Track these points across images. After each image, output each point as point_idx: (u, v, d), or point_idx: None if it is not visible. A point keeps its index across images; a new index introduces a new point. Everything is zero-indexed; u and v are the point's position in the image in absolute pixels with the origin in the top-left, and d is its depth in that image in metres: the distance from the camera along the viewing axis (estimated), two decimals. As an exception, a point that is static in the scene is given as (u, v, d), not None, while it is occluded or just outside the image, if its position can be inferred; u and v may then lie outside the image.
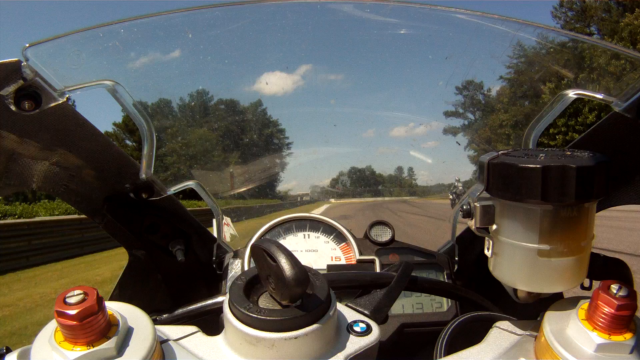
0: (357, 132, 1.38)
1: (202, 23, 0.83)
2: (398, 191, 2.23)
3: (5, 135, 0.67)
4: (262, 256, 0.45)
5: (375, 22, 0.89)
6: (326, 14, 0.90)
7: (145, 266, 1.02)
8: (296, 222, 1.09)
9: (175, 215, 1.01)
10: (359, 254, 1.04)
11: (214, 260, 1.05)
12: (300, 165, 1.50)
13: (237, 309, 0.44)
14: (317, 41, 0.98)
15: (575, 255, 0.47)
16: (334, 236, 1.08)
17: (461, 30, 0.94)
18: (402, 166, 2.01)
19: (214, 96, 1.23)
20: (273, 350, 0.43)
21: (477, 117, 1.34)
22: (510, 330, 0.52)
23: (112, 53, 0.74)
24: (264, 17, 0.88)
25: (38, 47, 0.62)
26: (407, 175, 2.07)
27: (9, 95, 0.61)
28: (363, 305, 0.55)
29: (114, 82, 0.75)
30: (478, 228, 0.51)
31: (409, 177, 2.08)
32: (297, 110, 1.33)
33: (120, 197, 0.91)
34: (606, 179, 0.44)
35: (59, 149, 0.76)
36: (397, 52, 1.07)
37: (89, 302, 0.38)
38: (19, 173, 0.75)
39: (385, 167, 1.90)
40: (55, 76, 0.64)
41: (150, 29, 0.78)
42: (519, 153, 0.49)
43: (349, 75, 1.27)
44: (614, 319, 0.43)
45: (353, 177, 1.79)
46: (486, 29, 0.86)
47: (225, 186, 1.29)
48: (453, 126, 1.27)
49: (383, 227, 1.10)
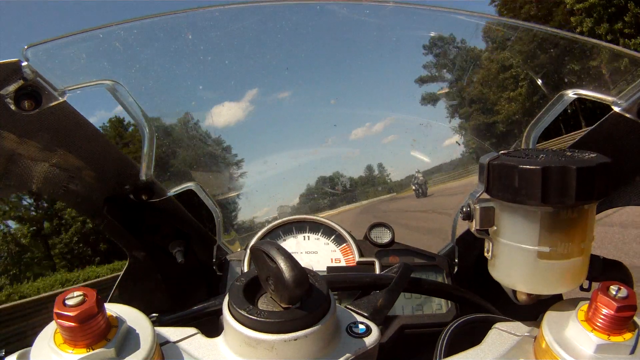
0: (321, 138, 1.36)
1: (202, 24, 0.83)
2: (374, 191, 2.16)
3: (5, 135, 0.67)
4: (261, 258, 0.45)
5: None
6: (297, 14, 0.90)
7: (145, 267, 1.02)
8: (296, 224, 1.09)
9: (175, 216, 1.01)
10: (358, 256, 1.04)
11: (213, 261, 1.05)
12: (260, 184, 1.40)
13: (237, 311, 0.44)
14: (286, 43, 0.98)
15: (575, 257, 0.47)
16: (333, 238, 1.08)
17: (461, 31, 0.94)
18: (371, 164, 1.94)
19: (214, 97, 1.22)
20: (273, 352, 0.43)
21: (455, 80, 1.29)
22: (510, 332, 0.52)
23: (113, 54, 0.74)
24: (263, 17, 0.88)
25: (38, 47, 0.62)
26: (378, 174, 1.99)
27: (9, 94, 0.61)
28: (363, 307, 0.55)
29: (114, 82, 0.75)
30: (478, 230, 0.51)
31: (380, 175, 2.00)
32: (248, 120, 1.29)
33: (120, 198, 0.91)
34: (607, 180, 0.44)
35: (59, 149, 0.76)
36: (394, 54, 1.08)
37: (88, 303, 0.38)
38: (18, 174, 0.75)
39: (352, 170, 1.85)
40: (55, 76, 0.64)
41: (150, 30, 0.78)
42: (519, 153, 0.49)
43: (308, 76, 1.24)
44: (614, 320, 0.43)
45: (322, 189, 1.70)
46: (486, 30, 0.87)
47: (225, 187, 1.29)
48: (431, 92, 1.22)
49: (383, 229, 1.10)
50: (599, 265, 0.65)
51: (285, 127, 1.36)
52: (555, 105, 0.82)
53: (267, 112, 1.31)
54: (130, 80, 0.78)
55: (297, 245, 1.06)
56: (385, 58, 1.10)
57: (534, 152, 0.50)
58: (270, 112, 1.32)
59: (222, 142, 1.28)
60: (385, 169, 1.94)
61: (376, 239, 1.08)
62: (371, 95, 1.30)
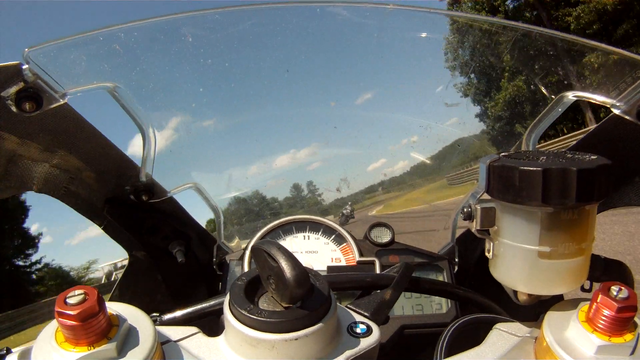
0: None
1: (202, 26, 0.84)
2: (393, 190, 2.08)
3: (6, 136, 0.68)
4: (262, 257, 0.45)
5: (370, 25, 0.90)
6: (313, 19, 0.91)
7: (146, 267, 1.03)
8: (296, 223, 1.09)
9: (176, 216, 1.02)
10: (359, 255, 1.04)
11: (214, 261, 1.05)
12: (260, 184, 1.43)
13: (238, 310, 0.44)
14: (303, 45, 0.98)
15: (576, 257, 0.47)
16: (334, 237, 1.08)
17: (461, 32, 0.94)
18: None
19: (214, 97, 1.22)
20: (273, 352, 0.43)
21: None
22: (511, 332, 0.52)
23: (113, 56, 0.74)
24: (264, 20, 0.89)
25: (39, 50, 0.62)
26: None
27: (10, 96, 0.61)
28: (363, 307, 0.55)
29: (115, 85, 0.75)
30: (479, 230, 0.51)
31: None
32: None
33: (120, 199, 0.91)
34: (607, 181, 0.44)
35: (59, 150, 0.76)
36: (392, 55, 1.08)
37: (89, 302, 0.38)
38: (19, 175, 0.75)
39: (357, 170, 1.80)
40: (56, 78, 0.65)
41: (150, 32, 0.78)
42: (520, 155, 0.50)
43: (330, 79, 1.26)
44: (614, 320, 0.43)
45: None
46: (486, 31, 0.87)
47: (225, 187, 1.29)
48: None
49: (383, 229, 1.10)
50: (600, 266, 0.65)
51: (285, 128, 1.36)
52: (555, 108, 0.83)
53: (267, 113, 1.31)
54: (130, 82, 0.79)
55: (297, 244, 1.06)
56: (386, 60, 1.10)
57: (535, 154, 0.50)
58: (270, 113, 1.32)
59: (222, 142, 1.29)
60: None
61: (376, 238, 1.08)
62: (371, 95, 1.31)
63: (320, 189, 1.72)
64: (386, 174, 1.58)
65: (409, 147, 1.34)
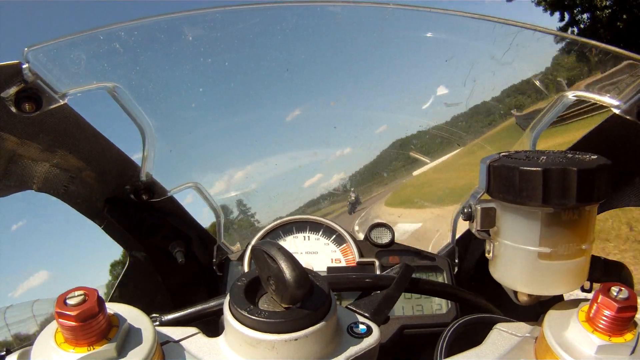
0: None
1: (202, 26, 0.84)
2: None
3: (6, 137, 0.68)
4: (262, 258, 0.45)
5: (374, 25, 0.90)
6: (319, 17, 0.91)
7: (146, 268, 1.02)
8: (296, 223, 1.09)
9: (176, 216, 1.01)
10: (359, 256, 1.04)
11: (214, 261, 1.05)
12: (260, 184, 1.43)
13: (238, 311, 0.44)
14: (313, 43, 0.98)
15: (576, 258, 0.47)
16: (334, 238, 1.08)
17: (461, 32, 0.94)
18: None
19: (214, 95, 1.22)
20: (273, 352, 0.43)
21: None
22: (511, 332, 0.52)
23: (113, 55, 0.74)
24: (263, 19, 0.89)
25: (39, 49, 0.62)
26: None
27: (10, 97, 0.61)
28: (363, 307, 0.55)
29: (115, 85, 0.75)
30: (479, 230, 0.51)
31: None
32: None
33: (120, 198, 0.91)
34: (607, 181, 0.44)
35: (59, 150, 0.76)
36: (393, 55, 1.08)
37: (89, 303, 0.38)
38: (19, 175, 0.75)
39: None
40: (55, 78, 0.65)
41: (150, 31, 0.78)
42: (520, 155, 0.49)
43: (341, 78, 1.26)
44: (615, 321, 0.43)
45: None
46: (485, 32, 0.87)
47: (225, 187, 1.29)
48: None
49: (383, 229, 1.10)
50: (600, 266, 0.65)
51: (285, 127, 1.36)
52: (555, 107, 0.82)
53: (266, 113, 1.31)
54: (130, 82, 0.78)
55: (297, 245, 1.06)
56: (386, 60, 1.10)
57: (535, 154, 0.50)
58: (270, 112, 1.32)
59: (222, 142, 1.28)
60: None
61: (376, 239, 1.08)
62: (371, 96, 1.31)
63: (321, 189, 1.73)
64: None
65: (409, 146, 1.34)
